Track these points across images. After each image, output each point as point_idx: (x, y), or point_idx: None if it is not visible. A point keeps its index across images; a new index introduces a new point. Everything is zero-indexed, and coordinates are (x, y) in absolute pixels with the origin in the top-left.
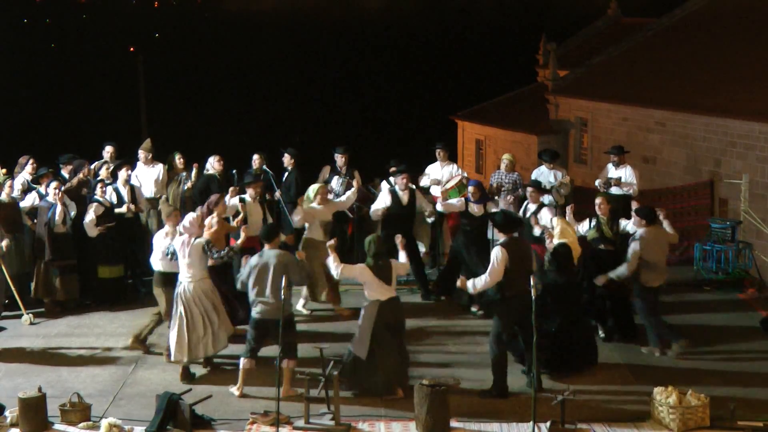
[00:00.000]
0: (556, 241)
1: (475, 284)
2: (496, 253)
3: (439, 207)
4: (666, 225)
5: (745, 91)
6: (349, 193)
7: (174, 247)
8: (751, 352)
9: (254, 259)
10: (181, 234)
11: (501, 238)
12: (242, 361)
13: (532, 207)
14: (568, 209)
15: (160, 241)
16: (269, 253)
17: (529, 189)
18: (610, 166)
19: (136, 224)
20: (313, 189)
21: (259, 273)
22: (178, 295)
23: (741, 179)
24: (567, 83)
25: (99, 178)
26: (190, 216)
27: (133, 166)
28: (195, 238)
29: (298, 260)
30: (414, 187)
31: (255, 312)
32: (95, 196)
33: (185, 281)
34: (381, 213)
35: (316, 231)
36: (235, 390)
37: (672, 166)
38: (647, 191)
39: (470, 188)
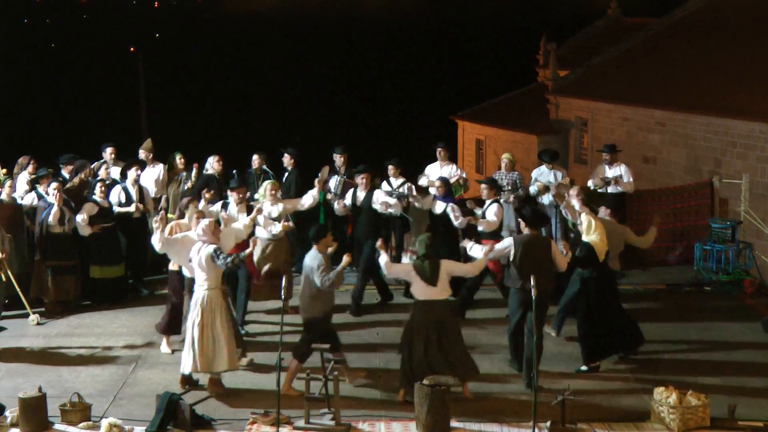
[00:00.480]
0: (585, 238)
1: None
2: (504, 242)
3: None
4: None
5: (745, 91)
6: (310, 193)
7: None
8: (751, 352)
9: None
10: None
11: (525, 231)
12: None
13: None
14: (603, 209)
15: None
16: (314, 254)
17: (483, 185)
18: (603, 165)
19: (141, 224)
20: (264, 186)
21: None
22: (195, 302)
23: (741, 179)
24: (567, 83)
25: (98, 179)
26: (204, 222)
27: (143, 167)
28: (206, 245)
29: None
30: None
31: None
32: (93, 196)
33: (199, 289)
34: (341, 209)
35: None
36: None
37: (672, 166)
38: (647, 191)
39: (436, 182)
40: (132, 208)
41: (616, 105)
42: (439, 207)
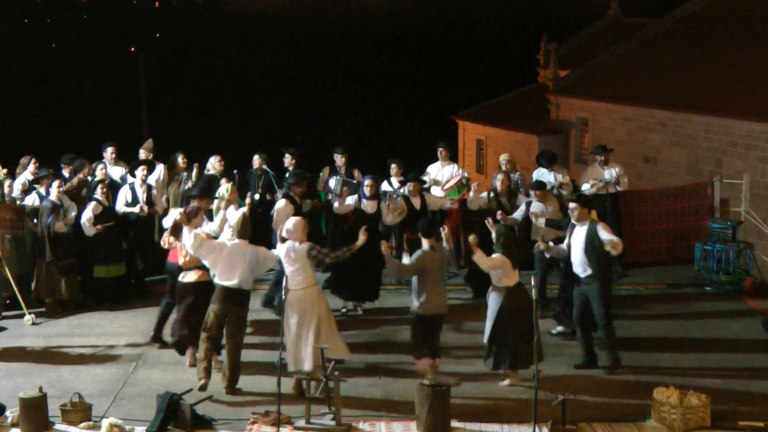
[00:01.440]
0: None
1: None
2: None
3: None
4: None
5: (746, 91)
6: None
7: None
8: (752, 352)
9: (427, 255)
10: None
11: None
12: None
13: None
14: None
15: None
16: (438, 251)
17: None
18: (596, 166)
19: (146, 224)
20: (225, 187)
21: (427, 270)
22: (288, 304)
23: (742, 179)
24: (568, 83)
25: (98, 179)
26: (293, 220)
27: (151, 168)
28: (299, 243)
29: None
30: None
31: (419, 307)
32: (95, 195)
33: (295, 289)
34: (342, 208)
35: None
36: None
37: (673, 166)
38: (648, 191)
39: (365, 182)
40: (136, 209)
41: (617, 105)
42: (370, 207)
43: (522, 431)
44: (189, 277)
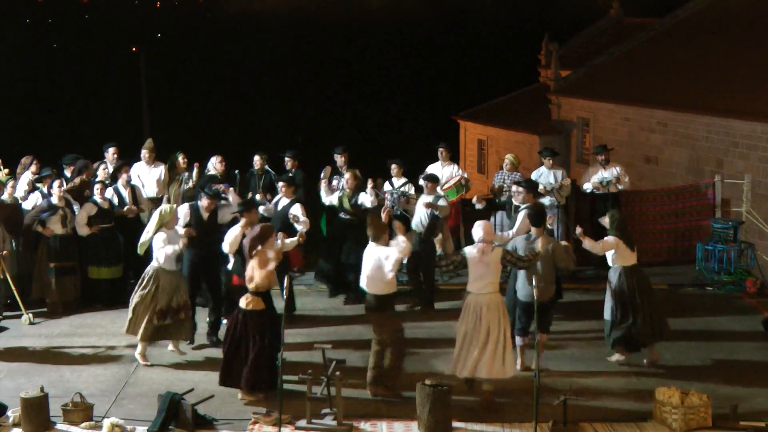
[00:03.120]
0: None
1: None
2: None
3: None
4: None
5: (747, 92)
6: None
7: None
8: (753, 352)
9: (520, 242)
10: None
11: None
12: (519, 339)
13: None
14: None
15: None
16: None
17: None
18: (597, 166)
19: (138, 225)
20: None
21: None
22: (465, 307)
23: (743, 179)
24: (569, 83)
25: (98, 179)
26: (483, 224)
27: (129, 166)
28: (493, 248)
29: (563, 245)
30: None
31: (522, 295)
32: (93, 197)
33: (477, 292)
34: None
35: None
36: (518, 367)
37: (674, 166)
38: (649, 191)
39: (346, 175)
40: (126, 210)
41: (618, 105)
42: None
43: (523, 431)
44: (254, 304)
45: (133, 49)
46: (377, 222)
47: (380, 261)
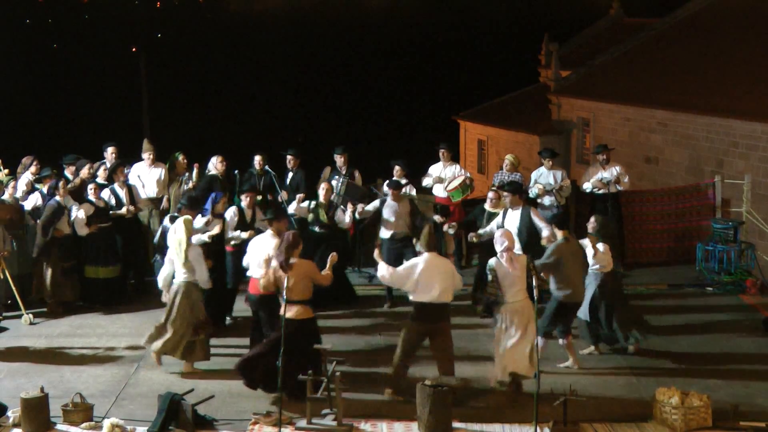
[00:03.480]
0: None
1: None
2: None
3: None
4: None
5: (747, 92)
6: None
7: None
8: (753, 352)
9: (562, 246)
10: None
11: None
12: (566, 339)
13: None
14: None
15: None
16: (572, 241)
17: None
18: (597, 166)
19: (136, 225)
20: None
21: (564, 259)
22: (504, 317)
23: (743, 180)
24: (569, 83)
25: (96, 179)
26: (504, 231)
27: (129, 167)
28: (521, 255)
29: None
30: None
31: (560, 295)
32: (87, 196)
33: (512, 300)
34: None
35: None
36: (570, 363)
37: (674, 167)
38: (649, 191)
39: (322, 186)
40: (123, 211)
41: (618, 105)
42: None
43: (523, 431)
44: (293, 312)
45: (133, 49)
46: (432, 231)
47: (450, 271)
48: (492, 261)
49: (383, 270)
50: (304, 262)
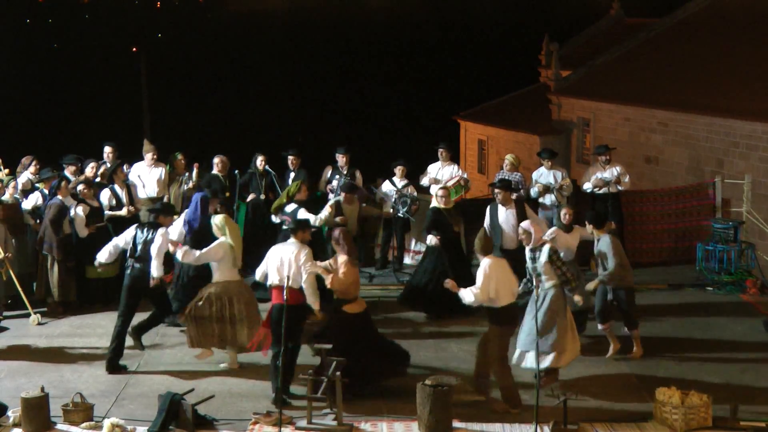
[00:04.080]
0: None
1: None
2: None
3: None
4: None
5: (747, 92)
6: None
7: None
8: (753, 352)
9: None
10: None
11: None
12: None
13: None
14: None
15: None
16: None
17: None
18: (598, 166)
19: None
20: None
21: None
22: (544, 301)
23: (743, 180)
24: (569, 83)
25: (82, 179)
26: (529, 224)
27: (129, 167)
28: (545, 247)
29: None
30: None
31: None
32: (78, 196)
33: (550, 287)
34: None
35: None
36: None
37: (674, 167)
38: (649, 191)
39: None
40: (123, 212)
41: (619, 105)
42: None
43: (523, 431)
44: (358, 306)
45: (134, 49)
46: (487, 235)
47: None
48: (547, 247)
49: (469, 295)
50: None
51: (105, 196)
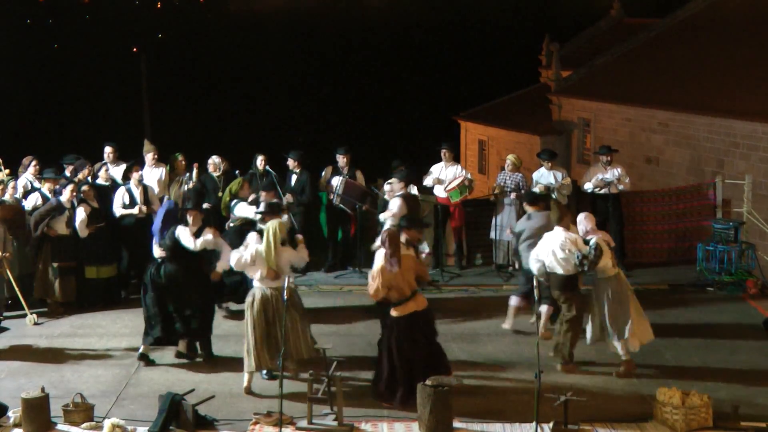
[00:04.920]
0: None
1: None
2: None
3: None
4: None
5: (748, 92)
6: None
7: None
8: (753, 352)
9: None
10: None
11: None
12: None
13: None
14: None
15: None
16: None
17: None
18: (599, 166)
19: (145, 225)
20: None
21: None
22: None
23: (744, 180)
24: (570, 84)
25: (95, 180)
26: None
27: (141, 166)
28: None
29: None
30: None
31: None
32: (80, 196)
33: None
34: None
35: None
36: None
37: (675, 167)
38: (650, 191)
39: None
40: (135, 210)
41: (619, 105)
42: None
43: (524, 431)
44: (417, 303)
45: (134, 49)
46: (561, 205)
47: (567, 243)
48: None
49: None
50: (408, 256)
51: (119, 195)
